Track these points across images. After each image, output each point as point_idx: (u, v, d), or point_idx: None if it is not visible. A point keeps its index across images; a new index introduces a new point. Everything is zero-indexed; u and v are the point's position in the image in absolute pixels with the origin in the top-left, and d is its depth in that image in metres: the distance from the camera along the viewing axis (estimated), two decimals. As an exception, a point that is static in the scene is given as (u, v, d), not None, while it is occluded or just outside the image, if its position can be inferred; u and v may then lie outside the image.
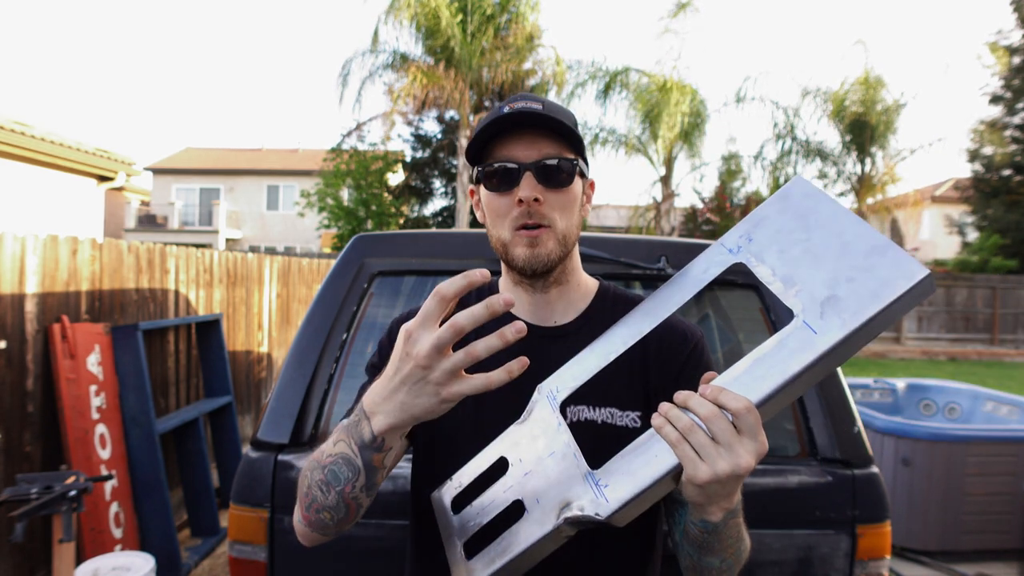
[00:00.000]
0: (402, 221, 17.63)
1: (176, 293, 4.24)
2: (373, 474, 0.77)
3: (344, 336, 1.73)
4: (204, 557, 3.55)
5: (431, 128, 18.48)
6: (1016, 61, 19.79)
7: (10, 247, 2.88)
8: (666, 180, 15.06)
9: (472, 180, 0.98)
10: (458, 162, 15.50)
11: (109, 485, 3.10)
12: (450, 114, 16.95)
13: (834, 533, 1.54)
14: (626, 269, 1.80)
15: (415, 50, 14.29)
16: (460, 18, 13.37)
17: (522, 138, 0.90)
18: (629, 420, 0.92)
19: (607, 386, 0.88)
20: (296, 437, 1.63)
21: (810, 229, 0.75)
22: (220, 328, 4.38)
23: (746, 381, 0.69)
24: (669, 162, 14.94)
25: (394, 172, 17.24)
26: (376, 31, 13.81)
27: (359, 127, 15.69)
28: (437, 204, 19.60)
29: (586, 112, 28.33)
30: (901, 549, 3.62)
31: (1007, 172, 20.44)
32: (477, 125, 0.94)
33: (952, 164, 60.02)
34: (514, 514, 0.79)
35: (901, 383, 4.77)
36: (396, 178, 18.61)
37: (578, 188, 0.94)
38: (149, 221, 27.36)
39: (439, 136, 18.43)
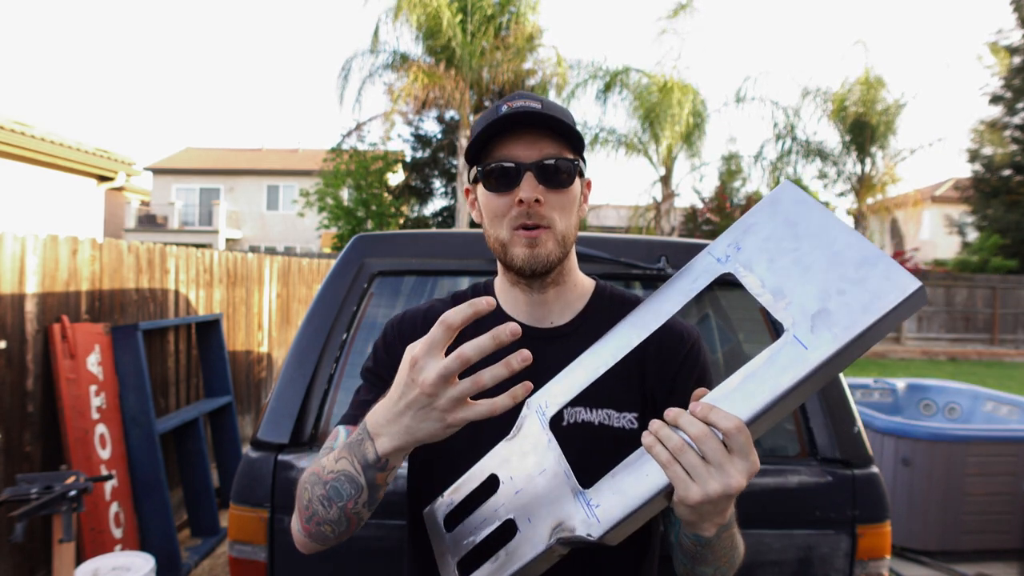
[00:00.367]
0: (402, 221, 17.62)
1: (176, 293, 4.24)
2: (376, 491, 0.78)
3: (344, 336, 1.73)
4: (204, 557, 3.55)
5: (431, 128, 18.51)
6: (1016, 61, 19.80)
7: (10, 247, 2.88)
8: (666, 180, 15.05)
9: (470, 180, 0.97)
10: (458, 162, 15.50)
11: (109, 485, 3.10)
12: (450, 114, 16.95)
13: (834, 533, 1.54)
14: (626, 269, 1.80)
15: (415, 50, 14.31)
16: (460, 18, 13.37)
17: (522, 137, 0.89)
18: (626, 421, 0.92)
19: (604, 387, 0.88)
20: (296, 437, 1.63)
21: (800, 238, 0.74)
22: (220, 328, 4.38)
23: (737, 398, 0.69)
24: (669, 162, 14.93)
25: (394, 172, 17.24)
26: (376, 31, 13.83)
27: (359, 127, 15.69)
28: (437, 204, 19.62)
29: (586, 112, 28.41)
30: (901, 549, 3.62)
31: (1007, 172, 20.46)
32: (474, 124, 0.93)
33: (952, 164, 59.96)
34: (506, 532, 0.79)
35: (901, 383, 4.77)
36: (396, 178, 18.60)
37: (577, 188, 0.93)
38: (149, 221, 27.36)
39: (439, 136, 18.42)
